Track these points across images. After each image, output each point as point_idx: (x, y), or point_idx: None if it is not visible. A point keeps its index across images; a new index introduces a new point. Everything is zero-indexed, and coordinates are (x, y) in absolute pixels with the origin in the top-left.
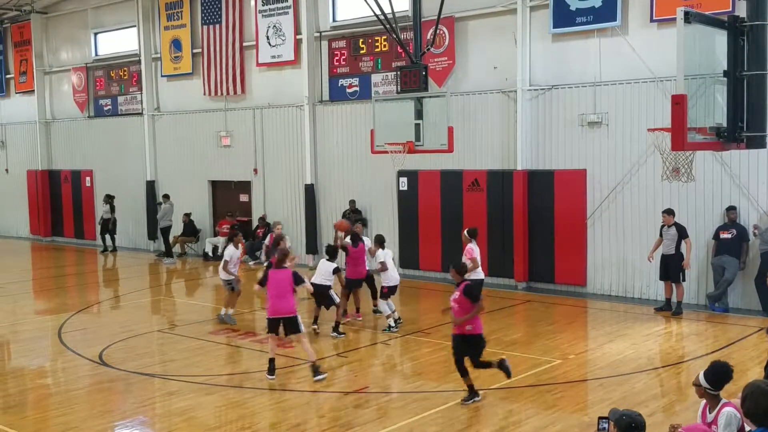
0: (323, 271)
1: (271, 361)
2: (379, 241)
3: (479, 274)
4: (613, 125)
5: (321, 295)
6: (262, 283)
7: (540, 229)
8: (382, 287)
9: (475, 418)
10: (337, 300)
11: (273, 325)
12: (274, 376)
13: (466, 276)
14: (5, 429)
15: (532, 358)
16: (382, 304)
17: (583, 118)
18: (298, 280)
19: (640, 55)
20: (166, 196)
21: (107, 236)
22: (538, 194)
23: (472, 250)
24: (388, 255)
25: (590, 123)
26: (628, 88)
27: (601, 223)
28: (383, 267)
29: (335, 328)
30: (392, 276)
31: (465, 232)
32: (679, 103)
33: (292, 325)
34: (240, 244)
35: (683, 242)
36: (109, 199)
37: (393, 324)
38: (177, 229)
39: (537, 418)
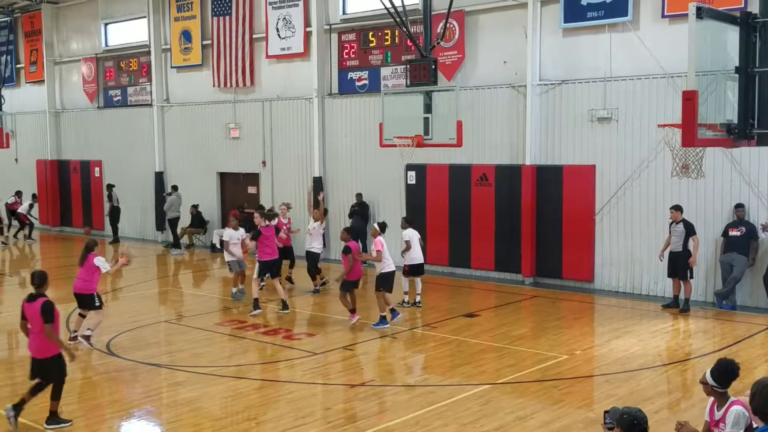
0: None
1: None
2: (408, 221)
3: (388, 266)
4: (623, 121)
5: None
6: None
7: (548, 224)
8: (404, 266)
9: (481, 412)
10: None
11: None
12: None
13: (379, 270)
14: None
15: (538, 354)
16: (404, 281)
17: (592, 114)
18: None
19: (651, 50)
20: (174, 188)
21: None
22: (547, 189)
23: (380, 243)
24: (414, 236)
25: (600, 118)
26: (638, 84)
27: (609, 219)
28: (408, 246)
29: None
30: (414, 256)
31: (375, 224)
32: (689, 99)
33: None
34: (235, 226)
35: (691, 239)
36: (108, 188)
37: (405, 301)
38: (185, 220)
39: (543, 413)
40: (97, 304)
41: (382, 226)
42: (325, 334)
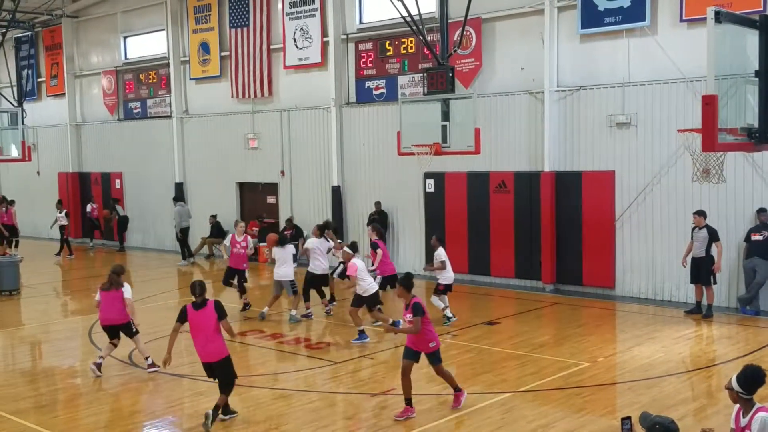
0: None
1: None
2: (439, 240)
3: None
4: (642, 126)
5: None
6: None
7: (568, 230)
8: (438, 284)
9: (503, 420)
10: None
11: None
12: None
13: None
14: (36, 428)
15: (560, 361)
16: (435, 299)
17: (611, 119)
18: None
19: (670, 55)
20: (176, 199)
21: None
22: (566, 196)
23: (354, 267)
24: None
25: (619, 124)
26: (657, 89)
27: (630, 224)
28: (442, 266)
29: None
30: (447, 275)
31: (345, 248)
32: (709, 103)
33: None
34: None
35: (714, 245)
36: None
37: (450, 315)
38: (202, 231)
39: (565, 421)
40: (135, 330)
41: (354, 247)
42: (345, 343)
